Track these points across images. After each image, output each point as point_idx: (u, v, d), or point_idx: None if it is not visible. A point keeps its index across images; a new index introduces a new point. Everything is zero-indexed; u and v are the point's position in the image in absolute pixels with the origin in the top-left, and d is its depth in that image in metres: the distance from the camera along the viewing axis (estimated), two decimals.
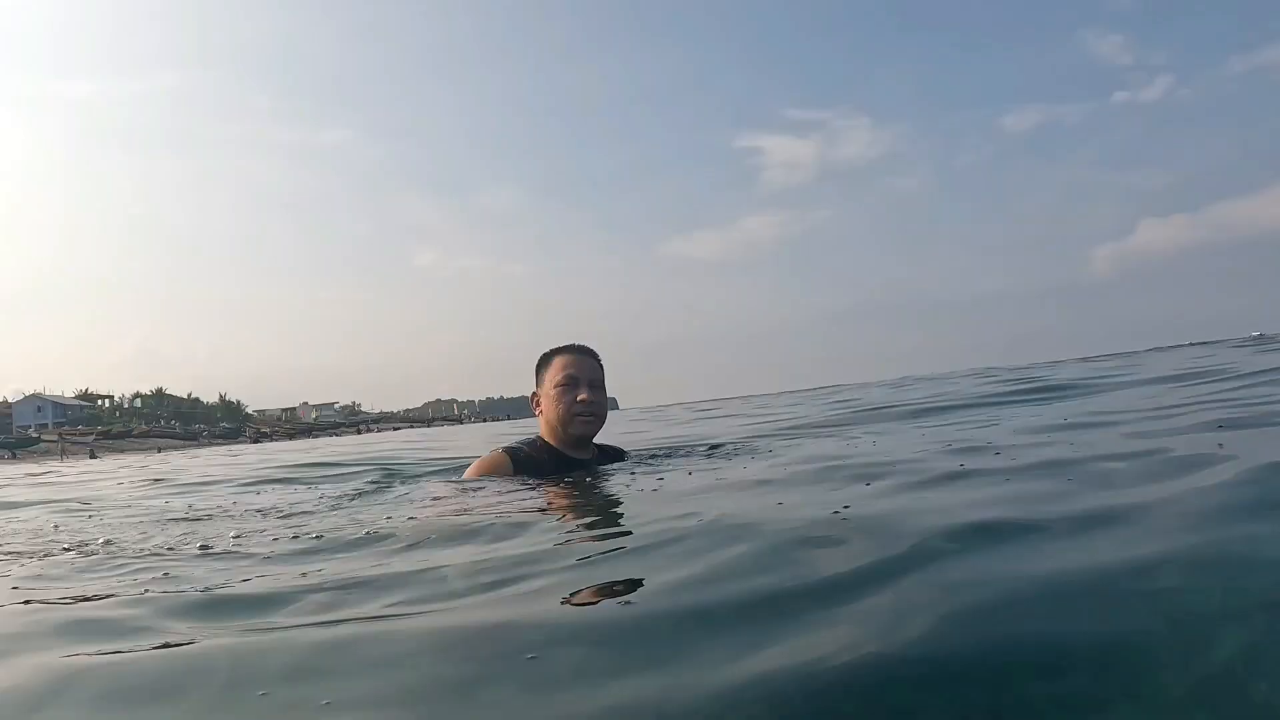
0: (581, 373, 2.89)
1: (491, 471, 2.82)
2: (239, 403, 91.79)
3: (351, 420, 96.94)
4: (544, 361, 3.01)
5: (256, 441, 50.98)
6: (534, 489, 2.51)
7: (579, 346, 3.02)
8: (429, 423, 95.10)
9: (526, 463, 2.81)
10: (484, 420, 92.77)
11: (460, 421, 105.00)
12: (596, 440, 3.05)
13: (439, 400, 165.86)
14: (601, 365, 3.01)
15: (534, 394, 3.01)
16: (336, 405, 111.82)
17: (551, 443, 2.90)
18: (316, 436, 60.14)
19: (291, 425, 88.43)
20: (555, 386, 2.89)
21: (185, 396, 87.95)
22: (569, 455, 2.88)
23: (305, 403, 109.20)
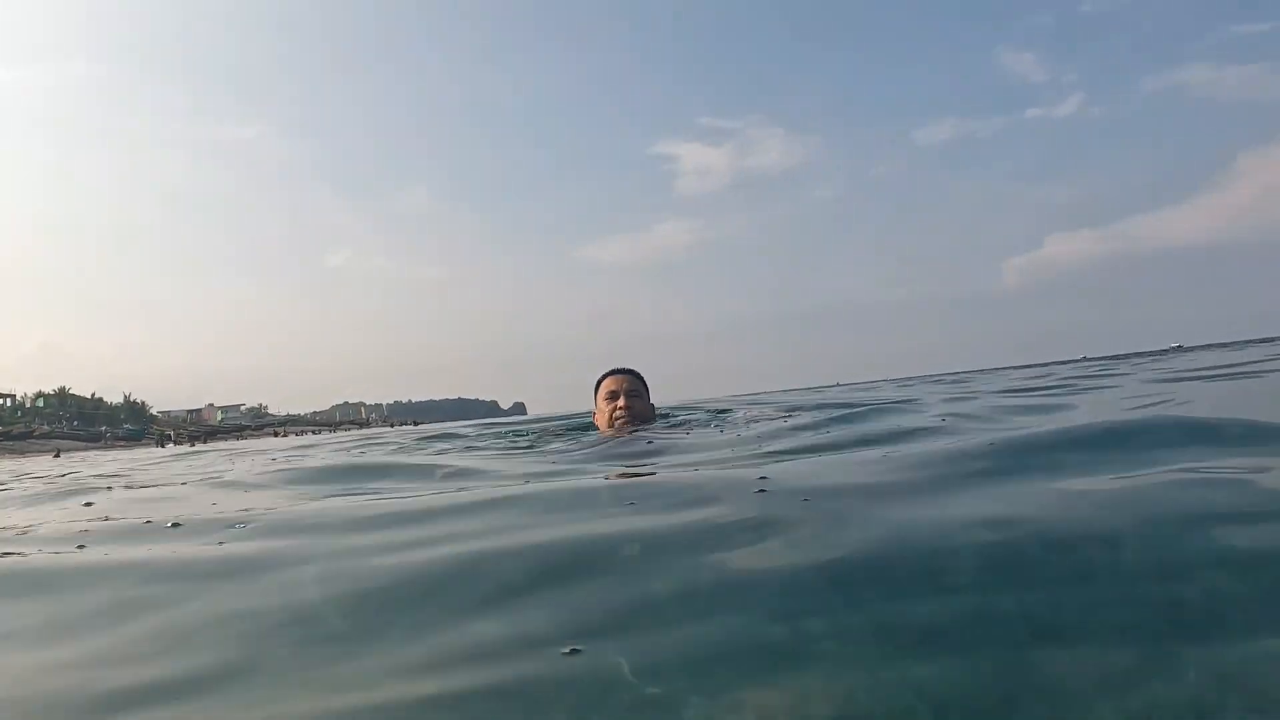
0: (619, 387, 3.62)
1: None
2: (144, 404, 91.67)
3: (258, 422, 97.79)
4: (596, 385, 3.74)
5: (162, 445, 51.05)
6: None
7: (618, 369, 3.73)
8: (335, 426, 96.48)
9: None
10: (390, 424, 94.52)
11: (367, 424, 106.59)
12: None
13: (346, 403, 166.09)
14: (640, 378, 3.73)
15: (593, 411, 3.76)
16: (243, 407, 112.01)
17: None
18: (224, 439, 62.06)
19: (197, 427, 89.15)
20: (601, 401, 3.65)
21: (89, 396, 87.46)
22: None
23: (211, 404, 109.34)
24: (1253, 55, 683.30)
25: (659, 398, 3.92)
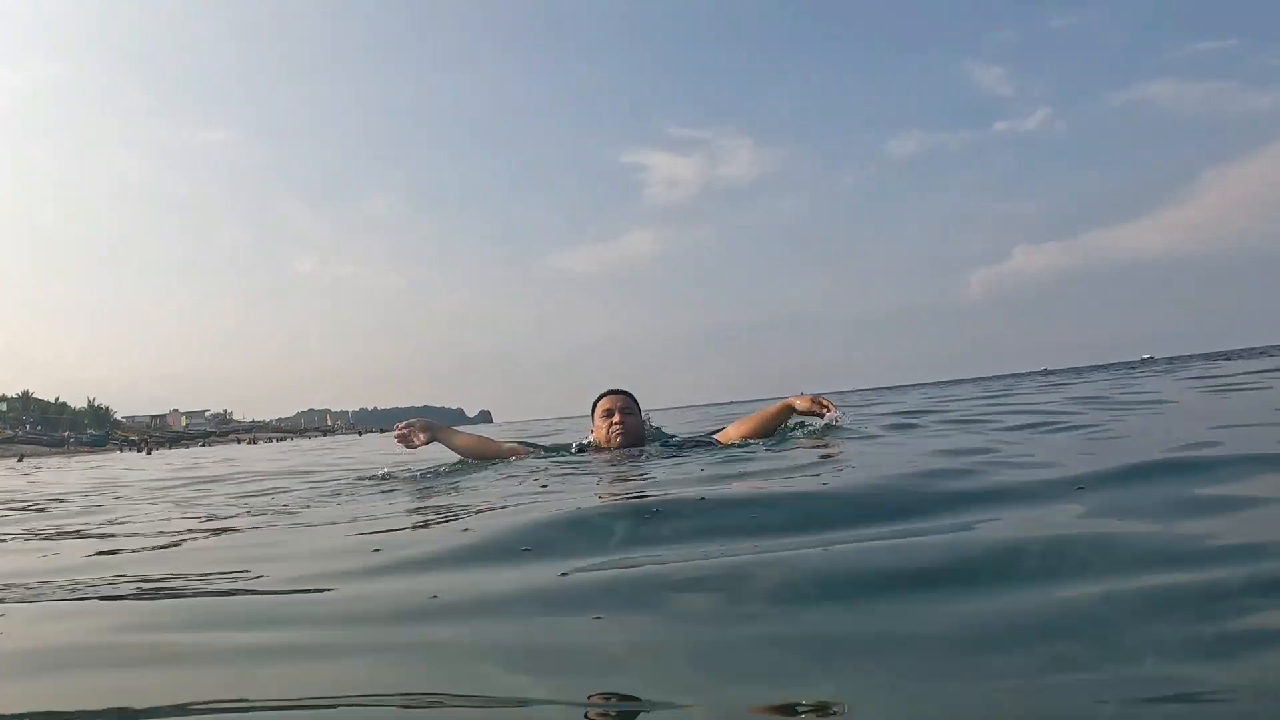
0: (614, 405, 4.03)
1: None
2: (108, 409, 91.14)
3: (223, 429, 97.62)
4: (593, 405, 4.15)
5: (140, 450, 50.41)
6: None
7: (613, 389, 4.14)
8: (301, 433, 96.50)
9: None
10: (358, 432, 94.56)
11: (333, 432, 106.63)
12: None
13: (311, 410, 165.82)
14: (633, 397, 4.13)
15: (592, 428, 4.15)
16: (208, 413, 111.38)
17: None
18: (188, 445, 62.15)
19: (161, 433, 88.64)
20: (598, 419, 4.05)
21: (53, 401, 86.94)
22: None
23: (175, 410, 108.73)
24: (1217, 72, 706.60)
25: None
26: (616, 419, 3.96)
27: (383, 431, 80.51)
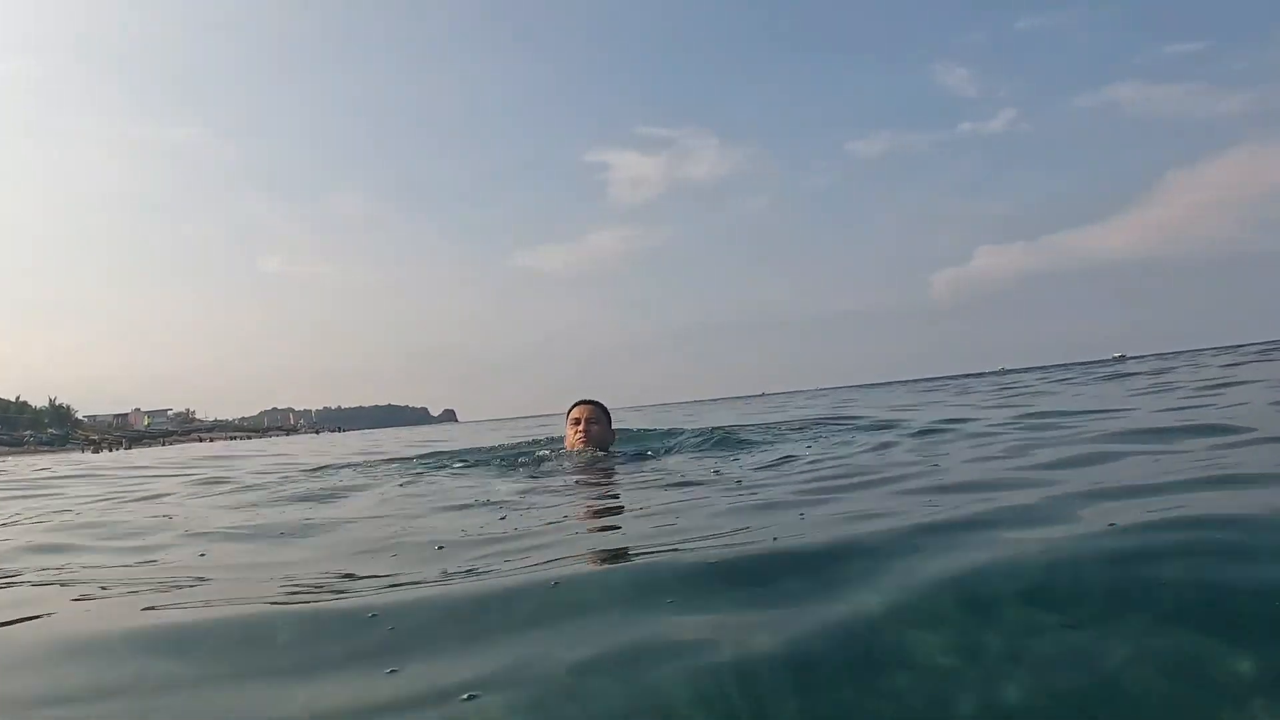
0: (582, 414, 4.35)
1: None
2: (69, 407, 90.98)
3: (185, 428, 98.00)
4: (567, 413, 4.48)
5: (98, 451, 51.31)
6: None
7: (584, 400, 4.48)
8: (264, 432, 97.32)
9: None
10: (317, 431, 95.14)
11: (296, 431, 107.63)
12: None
13: (275, 409, 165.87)
14: (602, 407, 4.46)
15: (566, 435, 4.45)
16: (170, 412, 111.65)
17: None
18: (149, 445, 62.82)
19: (122, 432, 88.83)
20: (569, 427, 4.40)
21: (13, 400, 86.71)
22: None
23: (138, 409, 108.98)
24: (1183, 75, 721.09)
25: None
26: (582, 428, 4.35)
27: (341, 430, 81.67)
